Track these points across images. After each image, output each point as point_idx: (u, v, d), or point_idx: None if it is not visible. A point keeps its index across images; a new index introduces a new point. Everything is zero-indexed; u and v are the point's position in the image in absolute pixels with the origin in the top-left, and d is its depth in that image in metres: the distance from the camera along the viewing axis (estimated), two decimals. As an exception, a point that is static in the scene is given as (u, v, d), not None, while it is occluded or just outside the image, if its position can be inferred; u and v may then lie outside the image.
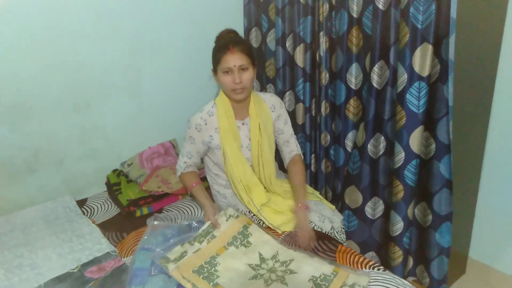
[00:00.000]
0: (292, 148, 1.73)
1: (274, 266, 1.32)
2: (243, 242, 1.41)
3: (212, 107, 1.59)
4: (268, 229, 1.53)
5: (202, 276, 1.27)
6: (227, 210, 1.51)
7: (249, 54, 1.49)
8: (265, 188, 1.63)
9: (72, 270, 1.39)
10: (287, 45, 2.03)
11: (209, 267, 1.31)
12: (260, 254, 1.37)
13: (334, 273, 1.26)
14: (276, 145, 1.75)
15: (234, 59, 1.45)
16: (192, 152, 1.65)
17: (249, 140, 1.60)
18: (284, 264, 1.32)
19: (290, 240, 1.48)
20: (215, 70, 1.54)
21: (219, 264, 1.32)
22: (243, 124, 1.60)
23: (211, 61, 1.56)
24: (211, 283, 1.24)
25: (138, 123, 2.11)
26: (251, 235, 1.44)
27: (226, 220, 1.48)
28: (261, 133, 1.58)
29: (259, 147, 1.59)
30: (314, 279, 1.24)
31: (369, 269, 1.34)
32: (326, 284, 1.22)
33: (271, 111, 1.64)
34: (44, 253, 1.48)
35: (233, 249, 1.38)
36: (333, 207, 1.74)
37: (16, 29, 1.65)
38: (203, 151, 1.65)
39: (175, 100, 2.21)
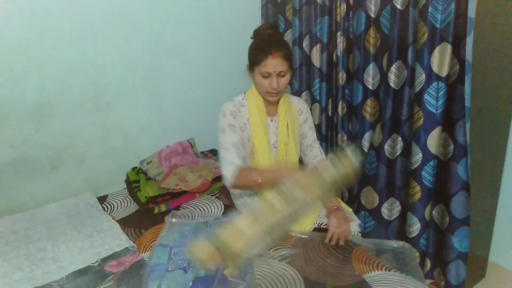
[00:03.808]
0: (315, 154, 1.68)
1: None
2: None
3: (243, 99, 1.55)
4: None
5: None
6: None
7: (289, 58, 1.43)
8: None
9: (92, 264, 1.43)
10: (304, 45, 2.04)
11: None
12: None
13: None
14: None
15: (275, 65, 1.39)
16: (237, 142, 1.44)
17: (276, 138, 1.58)
18: None
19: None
20: (251, 68, 1.47)
21: None
22: (271, 121, 1.59)
23: (248, 57, 1.48)
24: None
25: (157, 122, 2.15)
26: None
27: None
28: (288, 133, 1.56)
29: (285, 147, 1.57)
30: None
31: (386, 271, 1.32)
32: None
33: (298, 114, 1.62)
34: (66, 247, 1.53)
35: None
36: (350, 209, 1.72)
37: (40, 31, 1.72)
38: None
39: (193, 100, 2.25)
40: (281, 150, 1.57)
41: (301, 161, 1.75)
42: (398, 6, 1.56)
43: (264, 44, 1.42)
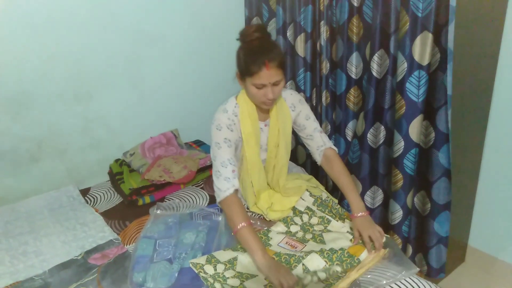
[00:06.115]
0: (318, 143, 1.60)
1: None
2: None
3: (235, 107, 1.49)
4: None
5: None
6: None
7: (283, 66, 1.36)
8: (270, 188, 1.64)
9: (76, 257, 1.41)
10: (288, 34, 2.03)
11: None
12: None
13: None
14: (303, 141, 1.69)
15: (270, 76, 1.32)
16: (233, 158, 1.44)
17: (267, 141, 1.57)
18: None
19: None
20: (242, 77, 1.40)
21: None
22: (265, 125, 1.56)
23: (237, 64, 1.40)
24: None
25: (140, 113, 2.12)
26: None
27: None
28: (279, 136, 1.54)
29: (275, 148, 1.56)
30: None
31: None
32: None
33: (291, 111, 1.58)
34: (48, 241, 1.51)
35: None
36: (336, 200, 1.74)
37: (17, 20, 1.66)
38: None
39: (176, 90, 2.22)
40: (271, 152, 1.56)
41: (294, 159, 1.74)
42: (381, -5, 1.57)
43: (256, 53, 1.32)
